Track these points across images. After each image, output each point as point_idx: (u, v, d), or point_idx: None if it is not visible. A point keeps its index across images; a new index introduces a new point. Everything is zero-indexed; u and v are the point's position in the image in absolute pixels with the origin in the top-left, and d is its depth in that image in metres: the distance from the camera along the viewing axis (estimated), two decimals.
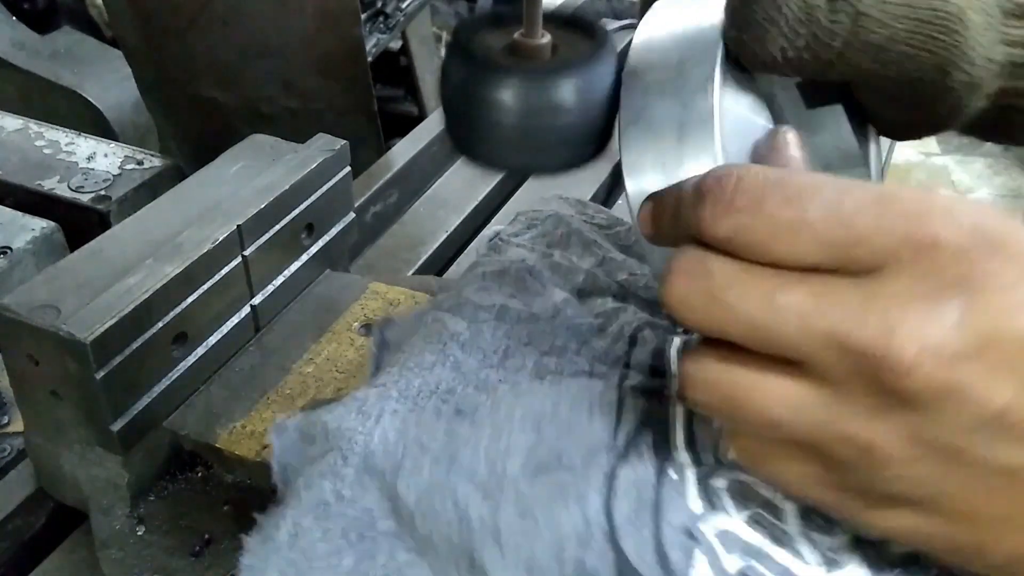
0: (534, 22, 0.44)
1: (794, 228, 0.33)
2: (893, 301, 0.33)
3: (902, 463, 0.34)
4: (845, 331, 0.33)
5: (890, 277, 0.33)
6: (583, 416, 0.45)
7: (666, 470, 0.42)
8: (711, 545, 0.39)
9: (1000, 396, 0.33)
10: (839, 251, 0.33)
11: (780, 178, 0.34)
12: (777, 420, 0.35)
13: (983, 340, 0.33)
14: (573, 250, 0.60)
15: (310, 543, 0.43)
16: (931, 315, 0.32)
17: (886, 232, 0.33)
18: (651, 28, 0.44)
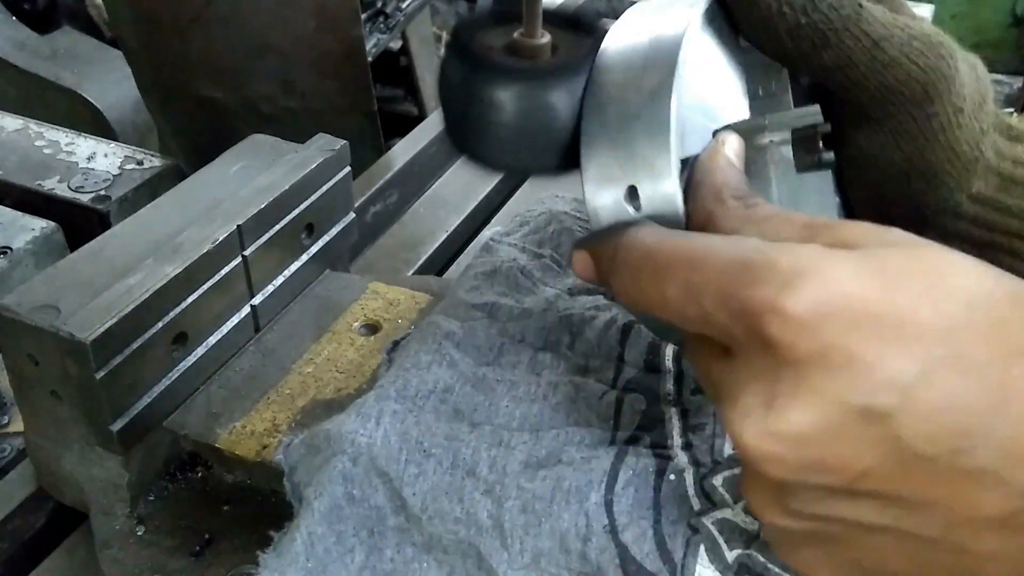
0: (534, 22, 0.44)
1: (659, 301, 0.36)
2: (742, 388, 0.33)
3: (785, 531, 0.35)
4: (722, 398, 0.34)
5: (741, 359, 0.34)
6: (581, 423, 0.45)
7: (665, 472, 0.42)
8: (711, 534, 0.40)
9: (853, 468, 0.32)
10: (697, 327, 0.35)
11: (651, 250, 0.36)
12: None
13: (832, 421, 0.32)
14: (564, 249, 0.60)
15: (325, 549, 0.44)
16: (775, 403, 0.32)
17: (724, 309, 0.33)
18: (620, 34, 0.44)
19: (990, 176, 0.45)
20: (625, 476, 0.42)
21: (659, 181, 0.40)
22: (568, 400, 0.47)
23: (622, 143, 0.41)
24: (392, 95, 1.97)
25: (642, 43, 0.42)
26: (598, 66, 0.43)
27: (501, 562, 0.41)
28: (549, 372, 0.48)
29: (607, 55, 0.43)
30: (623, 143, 0.41)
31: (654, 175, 0.40)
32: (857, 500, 0.33)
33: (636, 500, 0.41)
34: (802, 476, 0.33)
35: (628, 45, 0.43)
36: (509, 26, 0.45)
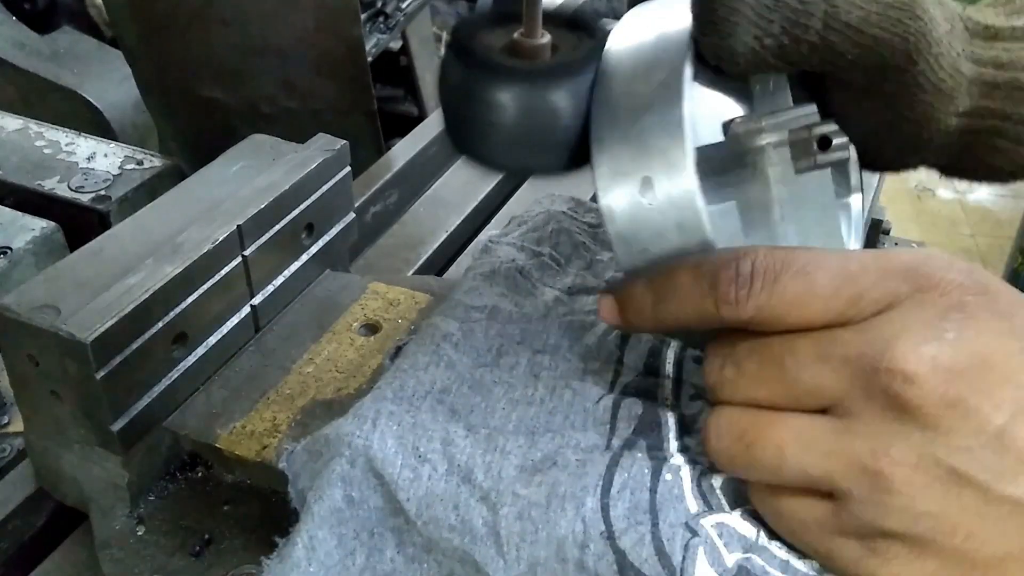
0: (534, 22, 0.44)
1: (805, 298, 0.37)
2: (895, 327, 0.36)
3: (906, 489, 0.35)
4: (854, 357, 0.36)
5: (892, 313, 0.36)
6: (577, 426, 0.45)
7: (661, 473, 0.42)
8: (710, 538, 0.39)
9: (999, 414, 0.35)
10: (847, 305, 0.37)
11: (787, 255, 0.38)
12: (789, 453, 0.37)
13: (979, 359, 0.35)
14: (562, 249, 0.60)
15: (326, 553, 0.44)
16: (930, 335, 0.35)
17: (887, 280, 0.37)
18: (625, 33, 0.44)
19: (972, 87, 0.45)
20: (621, 479, 0.41)
21: (675, 171, 0.40)
22: (565, 404, 0.46)
23: (634, 137, 0.41)
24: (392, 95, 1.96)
25: (648, 39, 0.42)
26: (605, 65, 0.43)
27: (497, 570, 0.41)
28: (547, 374, 0.48)
29: (613, 53, 0.43)
30: (635, 137, 0.41)
31: (669, 164, 0.40)
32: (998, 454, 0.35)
33: (632, 504, 0.41)
34: (953, 411, 0.35)
35: (634, 42, 0.43)
36: (509, 26, 0.45)
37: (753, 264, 0.38)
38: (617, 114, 0.41)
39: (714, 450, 0.40)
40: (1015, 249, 2.49)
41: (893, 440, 0.35)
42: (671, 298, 0.41)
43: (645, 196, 0.41)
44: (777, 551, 0.40)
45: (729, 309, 0.39)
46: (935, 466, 0.35)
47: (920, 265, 0.37)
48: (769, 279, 0.38)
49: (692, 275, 0.40)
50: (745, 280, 0.38)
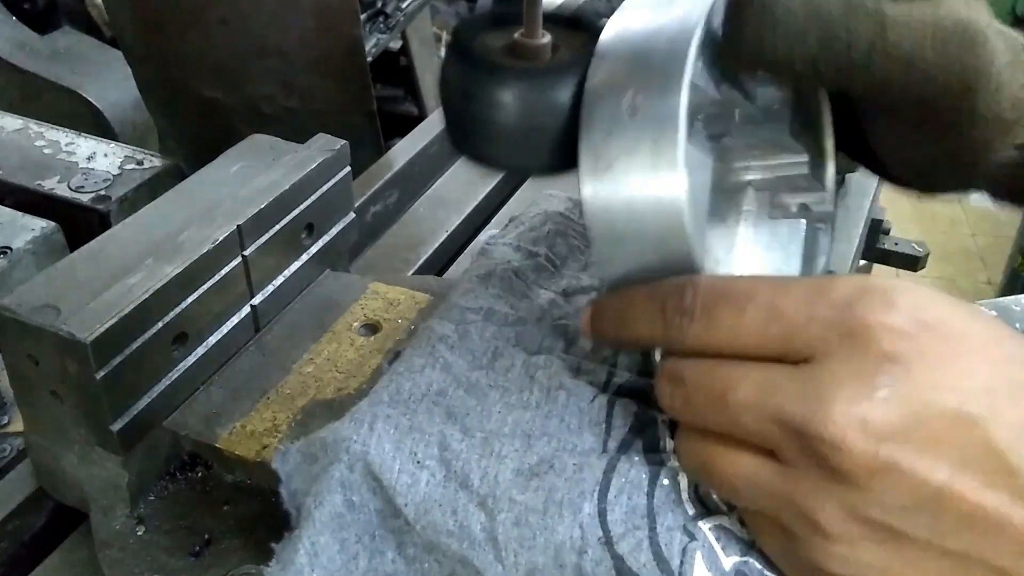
0: (534, 22, 0.44)
1: (736, 331, 0.37)
2: (830, 382, 0.35)
3: (847, 541, 0.35)
4: (787, 414, 0.35)
5: (824, 362, 0.35)
6: (572, 428, 0.45)
7: (658, 477, 0.42)
8: (707, 541, 0.39)
9: (937, 474, 0.34)
10: (778, 343, 0.36)
11: (726, 285, 0.38)
12: (738, 489, 0.38)
13: (913, 418, 0.34)
14: (558, 250, 0.60)
15: (329, 558, 0.44)
16: (861, 393, 0.34)
17: (816, 322, 0.36)
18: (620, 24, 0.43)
19: None
20: (617, 484, 0.41)
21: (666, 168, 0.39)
22: (560, 406, 0.46)
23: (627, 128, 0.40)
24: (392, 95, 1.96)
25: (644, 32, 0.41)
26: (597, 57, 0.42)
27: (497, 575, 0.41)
28: (542, 375, 0.48)
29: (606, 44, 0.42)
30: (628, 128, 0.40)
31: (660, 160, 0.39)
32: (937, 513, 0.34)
33: (630, 508, 0.41)
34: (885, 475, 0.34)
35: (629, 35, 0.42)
36: (509, 27, 0.45)
37: (694, 293, 0.38)
38: (609, 107, 0.41)
39: (685, 470, 0.41)
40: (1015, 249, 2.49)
41: (828, 497, 0.35)
42: (629, 318, 0.41)
43: (627, 195, 0.40)
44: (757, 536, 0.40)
45: (673, 336, 0.39)
46: (869, 524, 0.35)
47: (855, 305, 0.35)
48: (706, 309, 0.38)
49: (645, 299, 0.40)
50: (688, 309, 0.38)
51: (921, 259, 1.15)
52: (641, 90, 0.40)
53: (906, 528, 0.34)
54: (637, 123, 0.40)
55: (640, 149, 0.39)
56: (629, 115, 0.40)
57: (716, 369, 0.38)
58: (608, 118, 0.40)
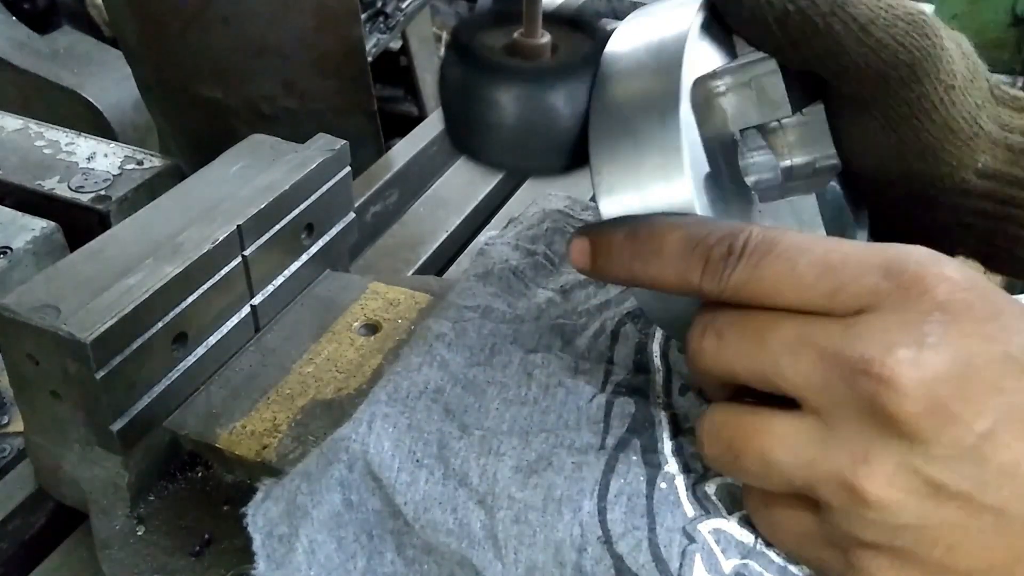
0: (534, 22, 0.44)
1: (784, 282, 0.36)
2: (876, 329, 0.35)
3: (884, 503, 0.35)
4: (833, 353, 0.35)
5: (875, 312, 0.35)
6: (571, 425, 0.45)
7: (657, 478, 0.42)
8: (707, 543, 0.39)
9: (981, 422, 0.34)
10: (826, 296, 0.36)
11: (776, 236, 0.37)
12: (773, 461, 0.37)
13: (961, 364, 0.34)
14: (557, 248, 0.60)
15: (327, 556, 0.44)
16: (911, 339, 0.34)
17: (869, 274, 0.36)
18: (624, 38, 0.43)
19: (997, 150, 0.45)
20: (617, 483, 0.41)
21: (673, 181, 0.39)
22: (558, 403, 0.46)
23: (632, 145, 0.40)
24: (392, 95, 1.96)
25: (647, 46, 0.42)
26: (603, 70, 0.43)
27: (496, 574, 0.41)
28: (540, 372, 0.48)
29: (611, 58, 0.43)
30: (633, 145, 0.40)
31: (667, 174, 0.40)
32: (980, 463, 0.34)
33: (629, 508, 0.40)
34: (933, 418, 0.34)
35: (633, 48, 0.43)
36: (509, 26, 0.45)
37: (746, 241, 0.37)
38: (615, 121, 0.41)
39: (708, 457, 0.40)
40: None
41: (871, 450, 0.35)
42: (653, 257, 0.39)
43: (641, 201, 0.40)
44: (775, 556, 0.39)
45: (711, 281, 0.38)
46: (914, 477, 0.34)
47: (904, 260, 0.36)
48: (756, 258, 0.37)
49: (682, 239, 0.39)
50: (735, 256, 0.37)
51: None
52: (643, 105, 0.40)
53: (949, 480, 0.34)
54: (642, 136, 0.40)
55: (648, 159, 0.40)
56: (634, 128, 0.40)
57: (755, 313, 0.37)
58: (615, 132, 0.41)
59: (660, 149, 0.40)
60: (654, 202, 0.40)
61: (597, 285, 0.56)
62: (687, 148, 0.39)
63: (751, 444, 0.37)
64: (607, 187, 0.41)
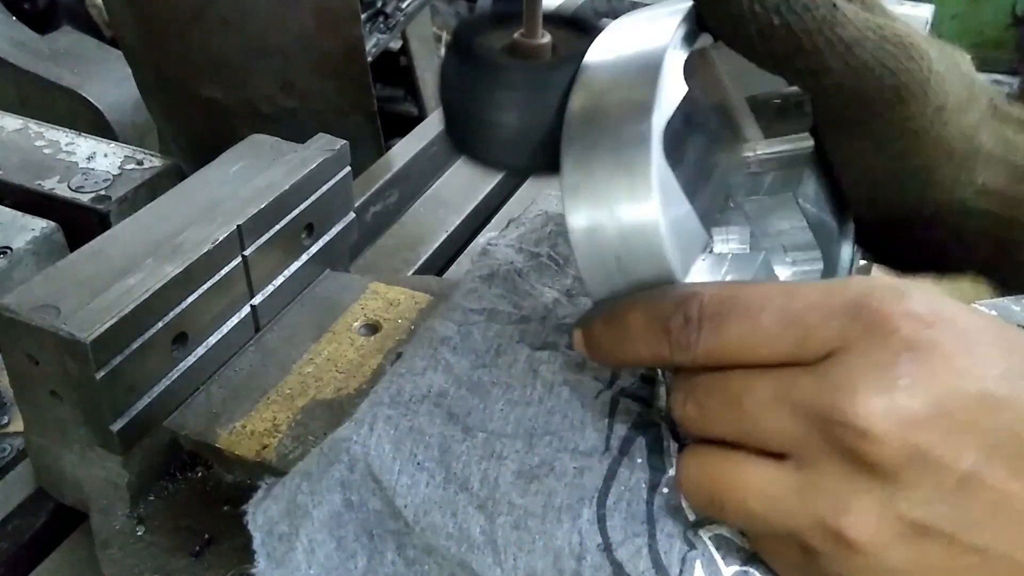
0: (534, 22, 0.44)
1: (751, 339, 0.36)
2: (847, 375, 0.34)
3: (870, 548, 0.34)
4: (809, 406, 0.35)
5: (842, 356, 0.35)
6: (575, 425, 0.45)
7: (659, 484, 0.42)
8: (708, 550, 0.39)
9: (962, 462, 0.33)
10: (794, 346, 0.36)
11: (732, 294, 0.37)
12: (754, 513, 0.37)
13: (936, 405, 0.33)
14: (560, 249, 0.60)
15: (326, 555, 0.44)
16: (883, 383, 0.34)
17: (834, 318, 0.35)
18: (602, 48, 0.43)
19: (998, 168, 0.44)
20: (617, 490, 0.41)
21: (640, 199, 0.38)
22: (563, 402, 0.46)
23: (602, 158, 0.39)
24: (392, 95, 1.96)
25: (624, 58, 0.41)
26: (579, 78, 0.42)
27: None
28: (546, 369, 0.48)
29: (587, 70, 0.42)
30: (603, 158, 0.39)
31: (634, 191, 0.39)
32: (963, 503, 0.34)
33: (629, 515, 0.40)
34: (913, 464, 0.33)
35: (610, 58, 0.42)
36: (509, 27, 0.45)
37: (700, 306, 0.37)
38: (586, 132, 0.41)
39: (687, 495, 0.40)
40: None
41: (853, 497, 0.34)
42: (627, 339, 0.40)
43: (609, 219, 0.39)
44: None
45: (682, 354, 0.38)
46: (897, 522, 0.34)
47: (867, 298, 0.35)
48: (716, 322, 0.37)
49: (644, 317, 0.39)
50: (693, 324, 0.37)
51: None
52: (615, 117, 0.40)
53: (933, 522, 0.34)
54: (612, 150, 0.39)
55: (617, 175, 0.39)
56: (605, 142, 0.40)
57: (731, 377, 0.37)
58: (586, 146, 0.40)
59: (629, 165, 0.39)
60: (620, 217, 0.39)
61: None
62: (656, 166, 0.38)
63: (731, 497, 0.37)
64: (573, 200, 0.40)
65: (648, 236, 0.39)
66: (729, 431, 0.37)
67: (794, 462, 0.36)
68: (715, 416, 0.37)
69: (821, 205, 0.49)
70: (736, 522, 0.39)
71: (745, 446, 0.37)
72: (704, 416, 0.38)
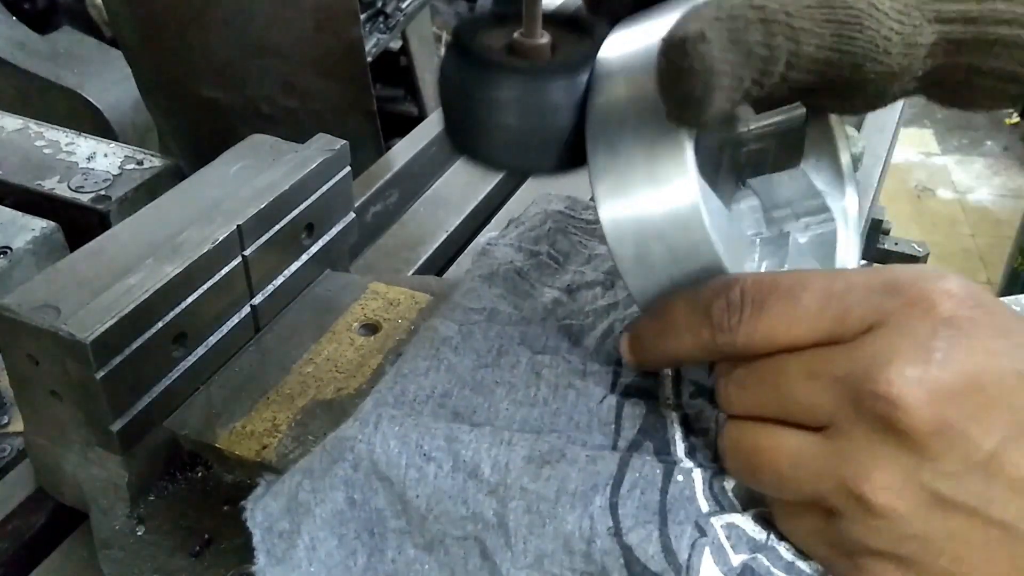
0: (534, 22, 0.44)
1: (792, 319, 0.37)
2: (883, 346, 0.35)
3: (890, 513, 0.35)
4: (842, 377, 0.36)
5: (881, 330, 0.36)
6: (582, 427, 0.45)
7: (672, 475, 0.42)
8: (718, 538, 0.40)
9: (988, 439, 0.34)
10: (834, 323, 0.37)
11: (773, 280, 0.38)
12: (784, 476, 0.38)
13: (968, 380, 0.34)
14: (560, 247, 0.60)
15: (327, 553, 0.44)
16: (918, 355, 0.34)
17: (873, 296, 0.36)
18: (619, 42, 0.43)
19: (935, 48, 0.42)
20: (631, 479, 0.41)
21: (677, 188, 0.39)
22: (568, 404, 0.46)
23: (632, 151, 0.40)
24: (392, 95, 1.96)
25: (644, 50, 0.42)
26: (599, 74, 0.42)
27: (504, 560, 0.41)
28: (549, 372, 0.48)
29: (607, 63, 0.43)
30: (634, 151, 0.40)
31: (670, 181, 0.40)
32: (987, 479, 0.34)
33: (642, 503, 0.41)
34: (941, 436, 0.34)
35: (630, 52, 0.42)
36: (509, 27, 0.45)
37: (742, 291, 0.38)
38: (614, 128, 0.41)
39: (730, 468, 0.41)
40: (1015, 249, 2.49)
41: (878, 463, 0.35)
42: (671, 332, 0.41)
43: (644, 208, 0.40)
44: (784, 552, 0.40)
45: (724, 337, 0.39)
46: (920, 491, 0.35)
47: (909, 278, 0.36)
48: (758, 304, 0.38)
49: (687, 307, 0.40)
50: (736, 307, 0.38)
51: (921, 259, 1.15)
52: (642, 106, 0.40)
53: (956, 495, 0.34)
54: (642, 140, 0.40)
55: (649, 165, 0.40)
56: (634, 133, 0.40)
57: (770, 360, 0.38)
58: (614, 139, 0.41)
59: (663, 154, 0.40)
60: (657, 207, 0.40)
61: (604, 286, 0.56)
62: (690, 150, 0.39)
63: (765, 460, 0.38)
64: (606, 193, 0.41)
65: (688, 220, 0.40)
66: (768, 410, 0.38)
67: (827, 431, 0.37)
68: (753, 394, 0.39)
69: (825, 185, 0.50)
70: (768, 486, 0.40)
71: (784, 421, 0.38)
72: (743, 395, 0.39)
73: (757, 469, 0.39)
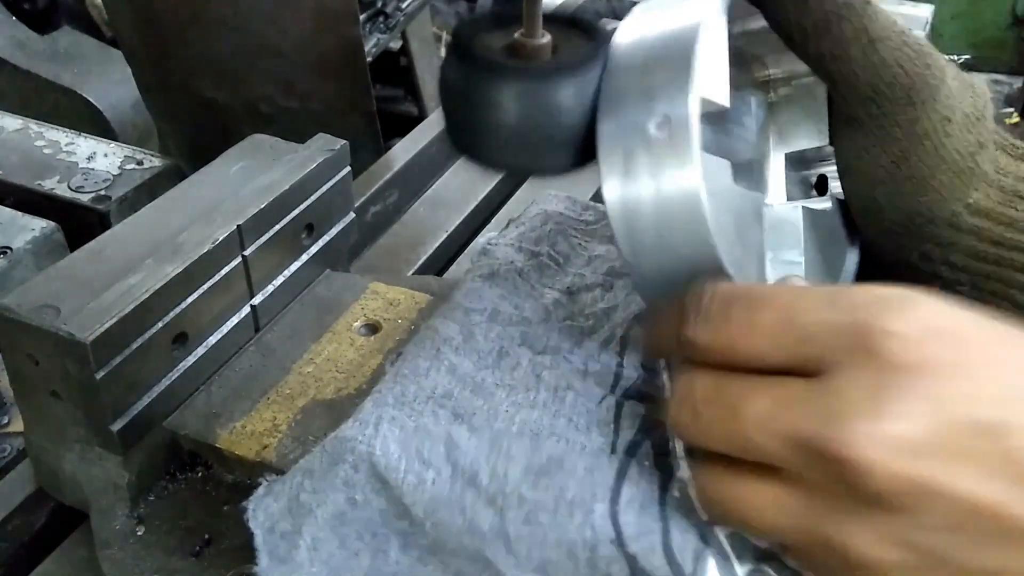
0: (534, 22, 0.44)
1: (750, 331, 0.36)
2: (846, 398, 0.34)
3: (880, 567, 0.34)
4: (804, 434, 0.34)
5: (842, 374, 0.34)
6: (581, 428, 0.45)
7: (671, 482, 0.42)
8: (723, 547, 0.39)
9: (966, 487, 0.33)
10: (791, 350, 0.36)
11: (746, 289, 0.38)
12: (761, 527, 0.37)
13: (933, 432, 0.33)
14: (560, 248, 0.60)
15: (329, 553, 0.44)
16: (884, 409, 0.33)
17: (834, 328, 0.35)
18: (631, 27, 0.43)
19: (991, 190, 0.45)
20: (630, 487, 0.41)
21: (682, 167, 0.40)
22: (568, 406, 0.46)
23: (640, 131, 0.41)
24: (392, 95, 1.96)
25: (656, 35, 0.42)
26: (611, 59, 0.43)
27: (509, 566, 0.41)
28: (549, 374, 0.48)
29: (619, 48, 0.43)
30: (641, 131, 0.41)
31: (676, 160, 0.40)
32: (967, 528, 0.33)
33: (642, 510, 0.41)
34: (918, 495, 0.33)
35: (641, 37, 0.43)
36: (509, 27, 0.45)
37: (712, 296, 0.38)
38: (624, 108, 0.41)
39: (710, 519, 0.40)
40: None
41: (858, 524, 0.34)
42: (659, 328, 0.42)
43: (649, 191, 0.41)
44: (790, 561, 0.39)
45: (686, 338, 0.38)
46: (906, 547, 0.34)
47: (864, 312, 0.35)
48: (721, 310, 0.37)
49: (671, 305, 0.40)
50: (704, 310, 0.38)
51: None
52: (654, 94, 0.40)
53: (943, 548, 0.33)
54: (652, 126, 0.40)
55: (656, 150, 0.40)
56: (644, 120, 0.40)
57: (727, 382, 0.37)
58: (624, 124, 0.41)
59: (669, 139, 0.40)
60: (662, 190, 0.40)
61: (603, 288, 0.56)
62: (696, 135, 0.39)
63: (741, 514, 0.37)
64: (612, 177, 0.41)
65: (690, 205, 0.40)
66: (723, 443, 0.37)
67: (793, 482, 0.36)
68: (709, 425, 0.37)
69: (835, 215, 0.50)
70: (755, 535, 0.39)
71: (739, 457, 0.37)
72: (700, 426, 0.38)
73: (737, 523, 0.38)
